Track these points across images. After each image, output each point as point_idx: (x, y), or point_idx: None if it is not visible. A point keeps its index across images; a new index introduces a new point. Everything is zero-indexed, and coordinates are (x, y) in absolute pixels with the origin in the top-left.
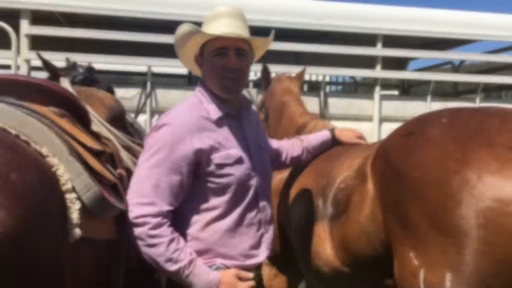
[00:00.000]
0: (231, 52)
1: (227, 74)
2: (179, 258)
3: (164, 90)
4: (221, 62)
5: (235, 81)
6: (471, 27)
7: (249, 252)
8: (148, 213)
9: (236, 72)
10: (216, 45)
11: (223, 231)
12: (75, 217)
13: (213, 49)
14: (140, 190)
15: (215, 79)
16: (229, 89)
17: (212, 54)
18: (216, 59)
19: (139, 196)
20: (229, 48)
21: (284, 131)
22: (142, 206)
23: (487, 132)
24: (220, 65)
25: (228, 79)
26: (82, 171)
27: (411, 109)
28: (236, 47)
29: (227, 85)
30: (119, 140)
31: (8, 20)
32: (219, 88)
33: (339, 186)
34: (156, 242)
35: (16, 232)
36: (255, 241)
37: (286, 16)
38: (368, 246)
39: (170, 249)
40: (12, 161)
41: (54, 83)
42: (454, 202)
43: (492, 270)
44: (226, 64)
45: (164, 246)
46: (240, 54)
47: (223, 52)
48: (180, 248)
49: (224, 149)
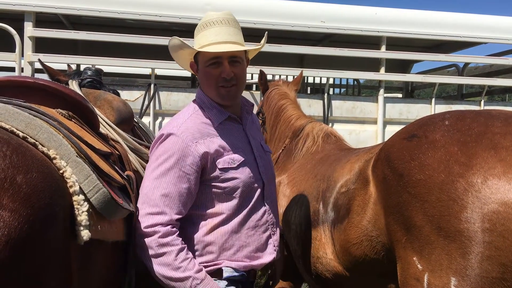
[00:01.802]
0: (225, 61)
1: (223, 83)
2: (188, 267)
3: (168, 92)
4: (216, 71)
5: (231, 90)
6: (475, 30)
7: (256, 253)
8: (158, 223)
9: (231, 80)
10: (209, 55)
11: (229, 234)
12: (83, 219)
13: (207, 59)
14: (150, 200)
15: (211, 88)
16: (226, 97)
17: (206, 64)
18: (210, 68)
19: (149, 206)
20: (223, 57)
21: (281, 135)
22: (152, 216)
23: (491, 135)
24: (215, 75)
25: (224, 88)
26: (90, 173)
27: (415, 112)
28: (230, 56)
29: (223, 93)
30: (127, 142)
31: (12, 23)
32: (216, 96)
33: (340, 190)
34: (165, 251)
35: (22, 235)
36: (262, 243)
37: (290, 19)
38: (370, 251)
39: (179, 258)
40: (19, 164)
41: (62, 85)
42: (459, 206)
43: (497, 274)
44: (221, 73)
45: (173, 254)
46: (234, 61)
47: (217, 61)
48: (189, 257)
49: (228, 153)
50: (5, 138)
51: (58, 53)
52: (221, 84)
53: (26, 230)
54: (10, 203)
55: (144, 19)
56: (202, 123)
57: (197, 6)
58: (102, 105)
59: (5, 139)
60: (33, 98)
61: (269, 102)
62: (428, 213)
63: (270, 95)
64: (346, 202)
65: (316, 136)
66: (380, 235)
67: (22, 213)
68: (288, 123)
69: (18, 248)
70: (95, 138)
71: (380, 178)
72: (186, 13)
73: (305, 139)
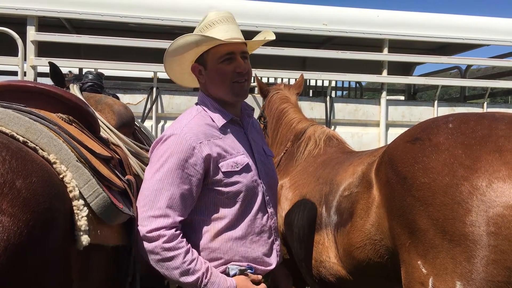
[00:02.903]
0: (238, 56)
1: (237, 78)
2: (196, 268)
3: (170, 95)
4: (230, 67)
5: (244, 84)
6: (477, 32)
7: (262, 259)
8: (162, 226)
9: (245, 75)
10: (222, 51)
11: (234, 240)
12: (83, 223)
13: (219, 55)
14: (152, 202)
15: (224, 85)
16: (240, 93)
17: (219, 60)
18: (223, 65)
19: (151, 209)
20: (236, 53)
21: (282, 138)
22: (155, 219)
23: (495, 138)
24: (230, 70)
25: (238, 83)
26: (90, 178)
27: (418, 114)
28: (242, 51)
29: (237, 88)
30: (128, 146)
31: (15, 27)
32: (229, 93)
33: (343, 194)
34: (172, 255)
35: (21, 240)
36: (267, 248)
37: (292, 22)
38: (374, 254)
39: (186, 260)
40: (18, 168)
41: (63, 90)
42: (463, 209)
43: (503, 278)
44: (236, 68)
45: (180, 258)
46: (245, 57)
47: (230, 57)
48: (196, 258)
49: (231, 157)
50: (5, 142)
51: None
52: (236, 79)
53: (26, 235)
54: (9, 208)
55: (146, 22)
56: (206, 124)
57: (199, 10)
58: (103, 109)
59: (5, 143)
60: (33, 103)
61: (270, 106)
62: (433, 216)
63: (272, 99)
64: (349, 206)
65: (318, 139)
66: (383, 238)
67: (22, 218)
68: (290, 126)
69: (17, 253)
70: (95, 142)
71: (383, 181)
72: (188, 17)
73: (307, 142)
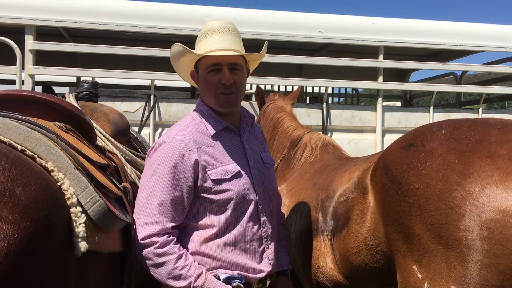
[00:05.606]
0: (225, 68)
1: (222, 89)
2: (188, 274)
3: (168, 103)
4: (216, 78)
5: (230, 97)
6: (472, 38)
7: (252, 267)
8: (154, 233)
9: (231, 87)
10: (209, 62)
11: (223, 246)
12: (81, 230)
13: (207, 66)
14: (145, 210)
15: (211, 95)
16: (225, 104)
17: (206, 71)
18: (210, 75)
19: (144, 216)
20: (222, 64)
21: (279, 146)
22: (148, 226)
23: (488, 143)
24: (215, 81)
25: (223, 95)
26: (87, 185)
27: (414, 120)
28: (230, 62)
29: (223, 100)
30: (123, 154)
31: (13, 36)
32: (215, 103)
33: (339, 199)
34: (163, 261)
35: (21, 247)
36: (257, 257)
37: (288, 30)
38: (370, 259)
39: (178, 266)
40: (18, 176)
41: (59, 98)
42: (457, 214)
43: (497, 282)
44: (221, 79)
45: (171, 263)
46: (234, 68)
47: (216, 68)
48: (189, 264)
49: (221, 165)
50: (4, 151)
51: (58, 65)
52: (221, 91)
53: (26, 241)
54: (9, 216)
55: (143, 31)
56: (198, 132)
57: (195, 18)
58: (98, 117)
59: (4, 152)
60: (31, 112)
61: (266, 116)
62: (427, 221)
63: (267, 109)
64: (345, 211)
65: (314, 146)
66: (379, 243)
67: (22, 225)
68: (286, 134)
69: (18, 259)
70: (92, 150)
71: (378, 187)
72: (185, 25)
73: (303, 149)
